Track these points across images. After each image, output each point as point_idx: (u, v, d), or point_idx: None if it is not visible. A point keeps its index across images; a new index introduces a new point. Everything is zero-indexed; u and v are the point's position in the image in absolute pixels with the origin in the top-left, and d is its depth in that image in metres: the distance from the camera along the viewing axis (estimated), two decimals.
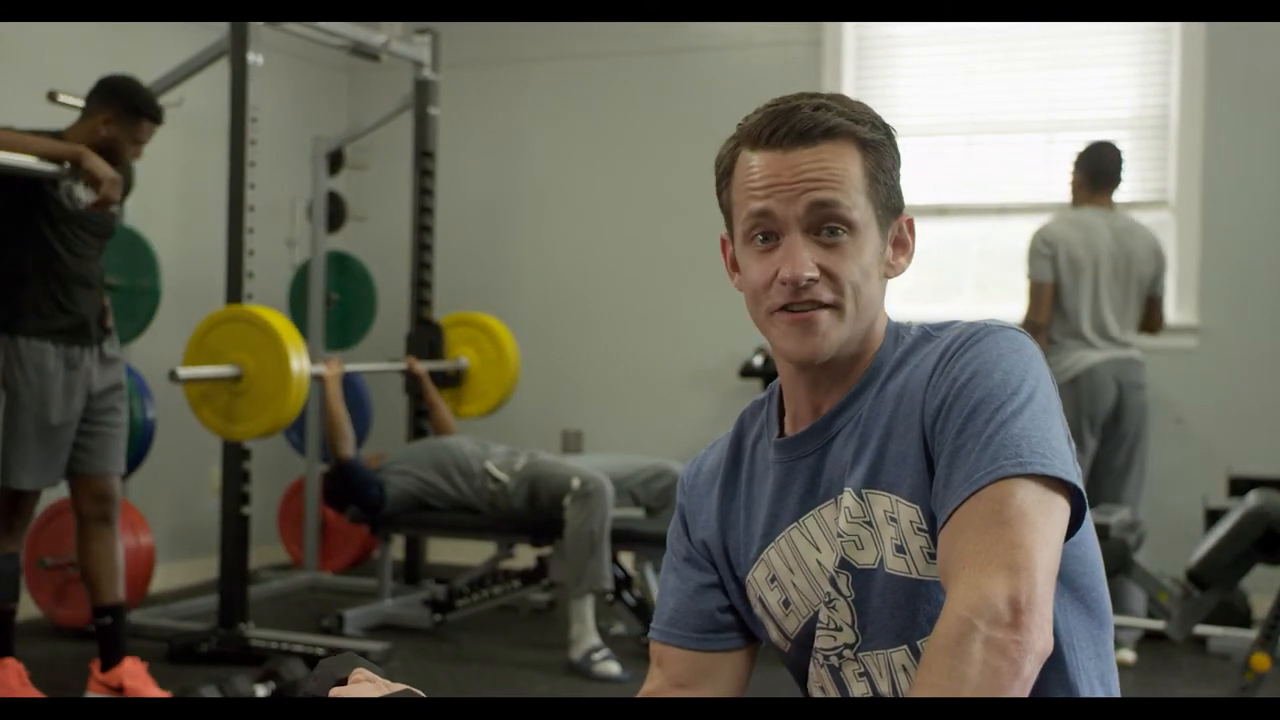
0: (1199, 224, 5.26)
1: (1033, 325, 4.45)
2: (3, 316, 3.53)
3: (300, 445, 5.56)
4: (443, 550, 5.91)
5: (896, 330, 1.37)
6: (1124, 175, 4.63)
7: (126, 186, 3.82)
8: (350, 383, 5.57)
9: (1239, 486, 4.62)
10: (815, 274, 1.28)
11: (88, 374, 3.64)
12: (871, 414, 1.32)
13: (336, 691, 1.16)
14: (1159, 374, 5.00)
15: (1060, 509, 1.18)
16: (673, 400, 5.89)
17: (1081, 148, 4.64)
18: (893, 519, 1.27)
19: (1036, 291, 4.48)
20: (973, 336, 1.28)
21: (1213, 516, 4.41)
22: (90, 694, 3.68)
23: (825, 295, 1.28)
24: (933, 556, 1.25)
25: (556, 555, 4.59)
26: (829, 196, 1.28)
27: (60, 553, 4.37)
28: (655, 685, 1.43)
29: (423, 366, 5.11)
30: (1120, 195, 5.27)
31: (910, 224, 1.36)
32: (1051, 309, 4.46)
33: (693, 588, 1.44)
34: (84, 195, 3.56)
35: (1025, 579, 1.11)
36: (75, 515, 3.69)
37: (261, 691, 3.56)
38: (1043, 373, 1.26)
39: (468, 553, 5.73)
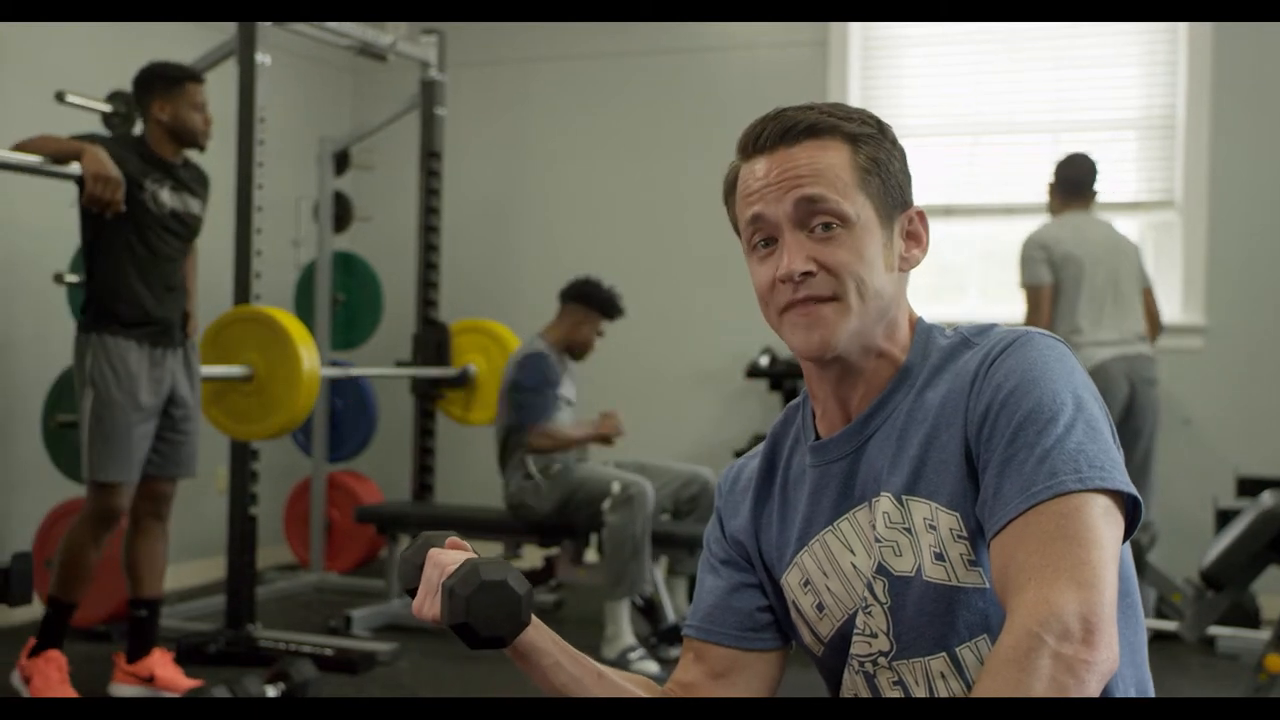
0: (1205, 224, 5.27)
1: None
2: (90, 316, 3.63)
3: (306, 446, 5.56)
4: None
5: (929, 331, 1.36)
6: (1097, 185, 4.66)
7: (203, 180, 3.90)
8: (356, 385, 5.57)
9: (1247, 487, 4.63)
10: (810, 267, 1.28)
11: (171, 374, 3.72)
12: (910, 419, 1.31)
13: (433, 553, 1.31)
14: (1166, 374, 5.00)
15: (1118, 524, 1.19)
16: (679, 401, 5.90)
17: (1060, 158, 4.70)
18: (931, 526, 1.27)
19: (1035, 296, 4.51)
20: (1014, 343, 1.27)
21: (1223, 517, 4.42)
22: (118, 684, 3.71)
23: (824, 289, 1.29)
24: (973, 563, 1.25)
25: (564, 556, 4.59)
26: (813, 192, 1.29)
27: None
28: (691, 678, 1.44)
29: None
30: (1126, 195, 5.29)
31: (921, 216, 1.36)
32: (1051, 311, 4.48)
33: (731, 586, 1.44)
34: (168, 200, 3.66)
35: (1096, 596, 1.12)
36: (130, 510, 3.76)
37: (272, 692, 3.56)
38: (1086, 381, 1.27)
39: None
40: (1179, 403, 5.15)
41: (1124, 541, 1.21)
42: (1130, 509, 1.21)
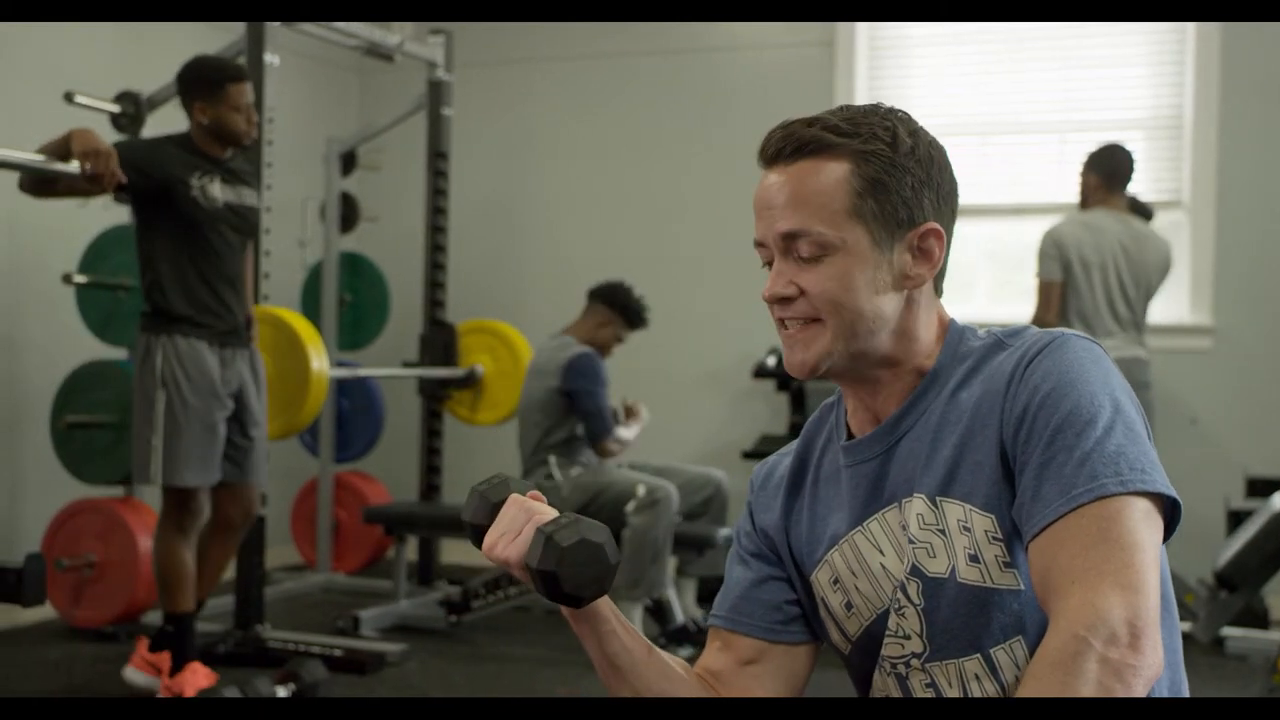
0: (1213, 224, 5.26)
1: (1041, 324, 4.46)
2: (156, 318, 3.61)
3: (313, 447, 5.55)
4: (455, 551, 5.90)
5: (961, 333, 1.37)
6: (1135, 176, 4.64)
7: (256, 171, 3.93)
8: (363, 385, 5.57)
9: (1257, 487, 4.62)
10: (788, 292, 1.31)
11: (239, 376, 3.72)
12: (943, 420, 1.31)
13: (517, 498, 1.33)
14: (1173, 375, 5.00)
15: (1159, 526, 1.19)
16: (686, 401, 5.89)
17: (1093, 149, 4.65)
18: (966, 528, 1.27)
19: (1046, 291, 4.50)
20: (1050, 345, 1.27)
21: (1235, 518, 4.41)
22: (132, 669, 3.70)
23: (805, 312, 1.31)
24: (1008, 565, 1.25)
25: None
26: (793, 227, 1.29)
27: (77, 554, 4.36)
28: (720, 665, 1.43)
29: None
30: (1134, 196, 5.28)
31: (937, 233, 1.33)
32: (1060, 308, 4.48)
33: (760, 578, 1.44)
34: (219, 193, 3.64)
35: (1141, 600, 1.12)
36: (216, 519, 3.82)
37: (282, 693, 3.55)
38: (1122, 382, 1.27)
39: (479, 554, 5.70)
40: (1186, 403, 5.14)
41: (1165, 539, 1.21)
42: (1169, 510, 1.20)
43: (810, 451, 1.45)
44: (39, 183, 3.42)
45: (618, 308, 4.65)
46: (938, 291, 1.37)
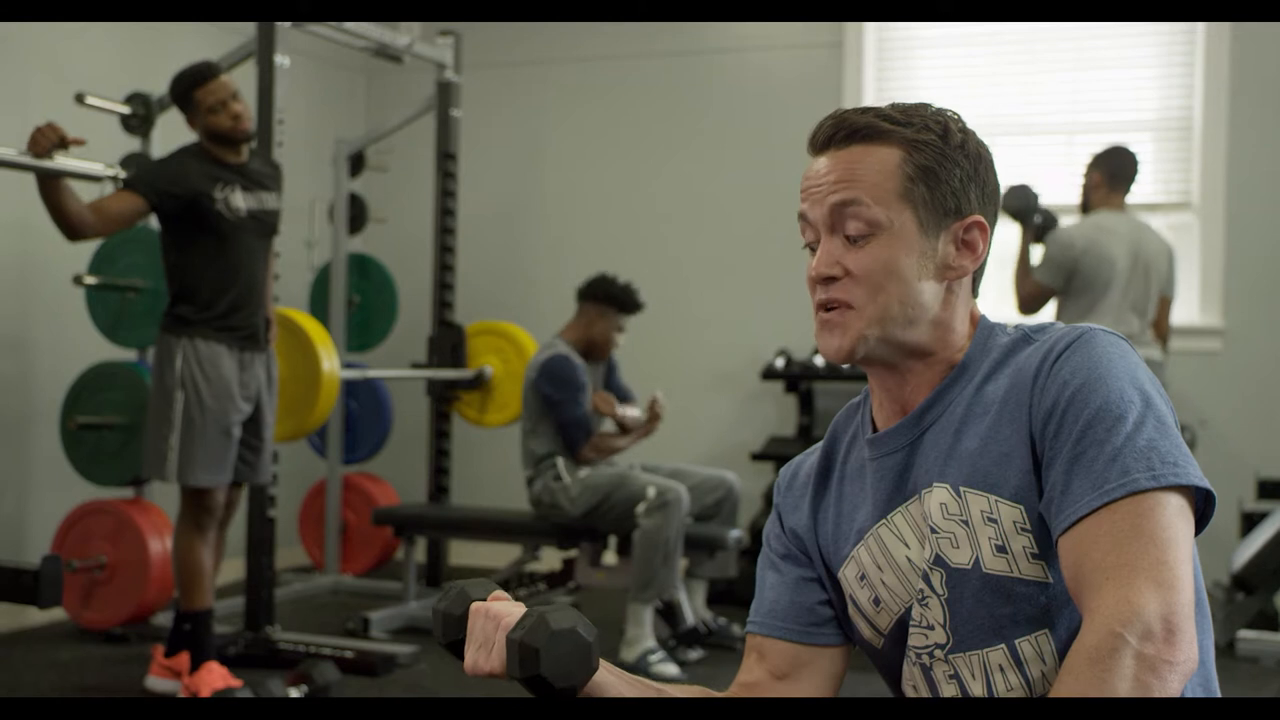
0: (1223, 226, 5.26)
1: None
2: (178, 320, 3.68)
3: (321, 448, 5.55)
4: (464, 553, 5.90)
5: (991, 329, 1.36)
6: (1139, 180, 4.64)
7: (276, 172, 4.00)
8: (371, 387, 5.56)
9: (1268, 489, 4.62)
10: (834, 271, 1.30)
11: (257, 380, 3.78)
12: (969, 412, 1.31)
13: (479, 606, 1.28)
14: (1183, 376, 4.99)
15: (1191, 520, 1.20)
16: (694, 402, 5.88)
17: (1099, 150, 4.65)
18: (991, 519, 1.27)
19: (1039, 294, 4.51)
20: (1077, 340, 1.27)
21: (1247, 520, 4.40)
22: (154, 678, 3.76)
23: (847, 294, 1.30)
24: (1036, 557, 1.25)
25: (582, 559, 4.58)
26: (844, 197, 1.30)
27: (87, 555, 4.36)
28: (754, 678, 1.43)
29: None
30: (1143, 197, 5.28)
31: (981, 225, 1.34)
32: (1060, 311, 4.50)
33: (793, 580, 1.44)
34: (241, 202, 3.71)
35: (1176, 596, 1.13)
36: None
37: (295, 695, 3.55)
38: (1150, 376, 1.27)
39: (487, 555, 5.72)
40: (1197, 405, 5.13)
41: (1198, 531, 1.22)
42: (1201, 503, 1.20)
43: (836, 448, 1.45)
44: (67, 229, 3.51)
45: (605, 298, 4.63)
46: (974, 289, 1.37)
